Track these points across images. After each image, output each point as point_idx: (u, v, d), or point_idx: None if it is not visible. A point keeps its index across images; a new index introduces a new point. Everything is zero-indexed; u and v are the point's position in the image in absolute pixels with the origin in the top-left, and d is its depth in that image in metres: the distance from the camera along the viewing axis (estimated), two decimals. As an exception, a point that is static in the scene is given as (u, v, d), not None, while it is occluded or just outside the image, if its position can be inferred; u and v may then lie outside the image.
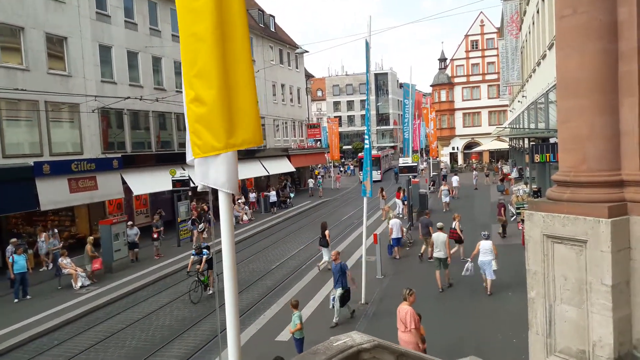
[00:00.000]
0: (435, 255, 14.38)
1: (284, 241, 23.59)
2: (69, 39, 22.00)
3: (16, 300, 15.55)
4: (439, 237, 14.30)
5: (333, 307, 12.01)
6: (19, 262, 15.72)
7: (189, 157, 3.16)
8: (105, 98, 22.97)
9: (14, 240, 17.57)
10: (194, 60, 2.98)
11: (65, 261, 16.91)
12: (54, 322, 13.41)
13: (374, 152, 52.22)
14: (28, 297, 15.79)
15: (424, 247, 17.53)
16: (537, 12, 21.23)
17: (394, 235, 17.98)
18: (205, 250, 15.10)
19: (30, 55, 20.09)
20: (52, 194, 19.98)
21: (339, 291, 11.89)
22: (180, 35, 3.07)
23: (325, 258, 16.95)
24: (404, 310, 8.36)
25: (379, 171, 51.52)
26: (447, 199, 27.58)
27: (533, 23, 23.24)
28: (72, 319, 13.81)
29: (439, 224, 15.15)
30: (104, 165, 22.80)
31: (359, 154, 53.24)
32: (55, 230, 20.51)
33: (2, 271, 17.75)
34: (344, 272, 12.05)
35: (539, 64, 21.90)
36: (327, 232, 17.18)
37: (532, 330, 5.19)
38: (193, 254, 15.34)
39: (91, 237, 18.38)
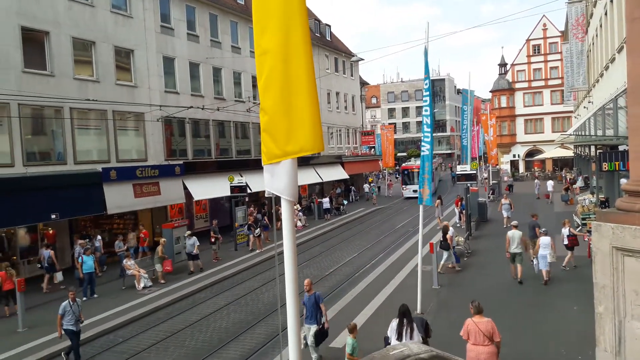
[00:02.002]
0: (511, 251, 15.26)
1: (337, 248, 23.64)
2: (135, 52, 23.18)
3: (84, 298, 16.39)
4: (514, 234, 15.32)
5: (306, 345, 10.22)
6: (88, 262, 16.60)
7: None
8: (168, 107, 23.99)
9: (82, 241, 18.62)
10: (262, 73, 3.14)
11: (129, 263, 17.71)
12: (118, 320, 14.07)
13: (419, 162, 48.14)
14: (95, 295, 16.66)
15: (531, 250, 17.04)
16: (605, 14, 20.25)
17: (452, 244, 17.60)
18: None
19: (100, 67, 21.32)
20: (118, 198, 21.02)
21: (313, 328, 10.13)
22: (255, 51, 3.26)
23: (443, 260, 16.96)
24: (487, 322, 7.97)
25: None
26: (507, 214, 24.90)
27: (600, 26, 22.19)
28: (135, 318, 14.43)
29: (514, 222, 16.42)
30: (166, 171, 23.77)
31: (403, 165, 49.04)
32: (99, 237, 20.60)
33: (72, 270, 18.79)
34: (319, 305, 10.28)
35: (607, 68, 20.87)
36: (448, 236, 16.99)
37: (600, 347, 4.94)
38: None
39: (163, 239, 19.07)
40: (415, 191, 40.31)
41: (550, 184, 35.73)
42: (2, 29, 17.63)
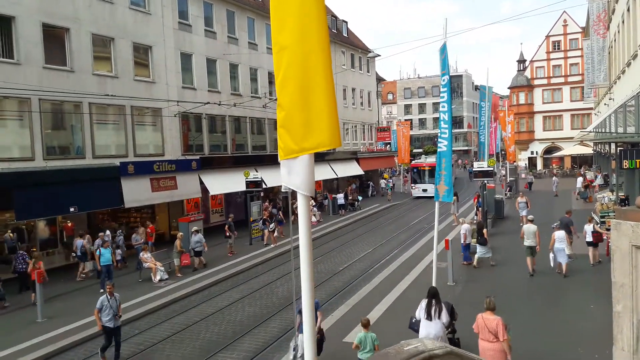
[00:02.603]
0: (525, 244, 15.87)
1: (351, 243, 23.64)
2: (153, 48, 23.38)
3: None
4: (529, 228, 15.89)
5: (294, 357, 9.16)
6: (105, 255, 16.85)
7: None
8: (185, 103, 24.18)
9: (101, 234, 18.92)
10: (279, 68, 3.14)
11: (145, 255, 17.93)
12: (135, 312, 14.27)
13: (430, 159, 41.80)
14: (113, 288, 16.87)
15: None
16: (628, 10, 19.86)
17: (469, 241, 17.58)
18: None
19: (119, 63, 21.56)
20: (136, 192, 21.28)
21: None
22: (272, 47, 3.25)
23: (481, 254, 17.17)
24: (494, 320, 8.01)
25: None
26: (524, 212, 23.51)
27: (623, 21, 21.76)
28: (151, 310, 14.62)
29: (530, 217, 16.97)
30: (183, 166, 23.98)
31: (412, 162, 45.75)
32: (107, 232, 20.09)
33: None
34: (316, 313, 8.84)
35: (629, 64, 20.48)
36: (484, 231, 17.29)
37: (617, 345, 4.89)
38: None
39: (180, 233, 19.19)
40: (425, 190, 38.92)
41: (580, 180, 35.08)
42: (24, 26, 17.93)
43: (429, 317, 8.95)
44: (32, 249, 18.65)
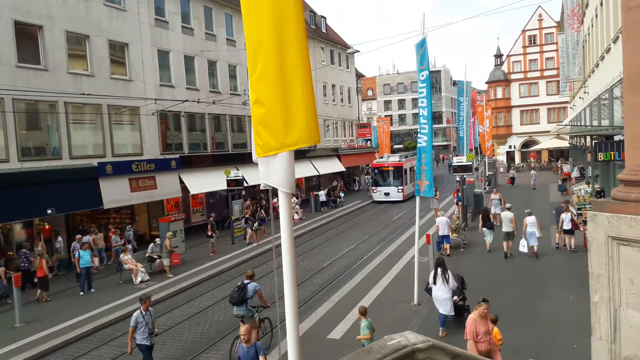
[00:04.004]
0: (503, 229, 17.25)
1: (334, 240, 23.68)
2: (129, 45, 23.02)
3: (82, 293, 16.43)
4: (506, 215, 17.28)
5: None
6: (84, 257, 16.57)
7: (254, 157, 3.29)
8: (163, 101, 23.87)
9: (79, 236, 18.59)
10: (256, 64, 3.10)
11: (126, 257, 17.69)
12: (116, 314, 14.06)
13: (393, 158, 37.70)
14: (92, 290, 16.63)
15: (557, 235, 18.17)
16: (601, 4, 20.25)
17: (440, 233, 17.93)
18: None
19: (94, 61, 21.17)
20: (114, 193, 20.95)
21: None
22: (246, 42, 3.21)
23: (489, 239, 18.19)
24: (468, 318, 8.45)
25: (400, 187, 35.39)
26: (497, 210, 22.07)
27: (596, 15, 22.18)
28: (133, 312, 14.36)
29: (508, 205, 18.46)
30: (162, 165, 23.69)
31: (373, 162, 39.81)
32: (60, 238, 19.39)
33: (71, 266, 18.75)
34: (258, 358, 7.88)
35: (602, 58, 20.89)
36: (491, 216, 18.58)
37: (595, 335, 4.98)
38: None
39: (170, 233, 18.81)
40: (387, 194, 35.24)
41: (575, 170, 35.73)
42: (-5, 23, 17.47)
43: (436, 282, 10.83)
44: (9, 252, 18.26)
